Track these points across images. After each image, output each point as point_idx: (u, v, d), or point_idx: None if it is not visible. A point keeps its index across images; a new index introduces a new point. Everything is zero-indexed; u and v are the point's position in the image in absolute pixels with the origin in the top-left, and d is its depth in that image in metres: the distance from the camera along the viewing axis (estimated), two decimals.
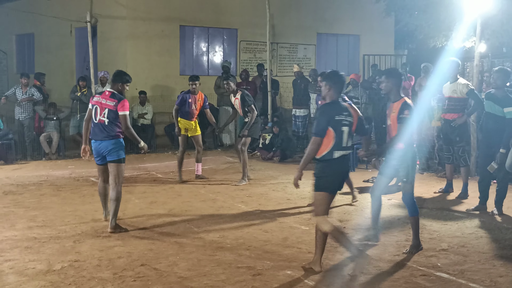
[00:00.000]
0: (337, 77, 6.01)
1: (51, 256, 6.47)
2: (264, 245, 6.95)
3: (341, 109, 5.87)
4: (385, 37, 21.78)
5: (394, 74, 6.80)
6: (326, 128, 5.76)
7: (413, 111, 6.62)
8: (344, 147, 5.84)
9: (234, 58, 18.71)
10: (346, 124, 5.83)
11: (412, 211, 6.72)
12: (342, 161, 5.86)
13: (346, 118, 5.85)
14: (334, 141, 5.78)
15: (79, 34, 17.98)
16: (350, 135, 5.90)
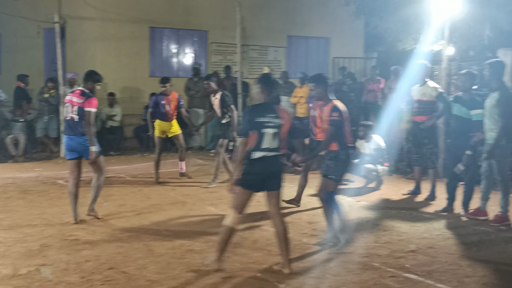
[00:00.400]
0: (268, 80, 6.21)
1: (17, 260, 6.37)
2: (234, 247, 6.91)
3: (266, 111, 5.97)
4: (355, 40, 21.89)
5: (321, 80, 7.01)
6: (248, 129, 5.90)
7: (342, 114, 6.78)
8: (265, 149, 5.90)
9: (204, 60, 18.64)
10: (270, 126, 5.92)
11: (335, 207, 6.88)
12: (264, 162, 5.92)
13: (272, 120, 5.94)
14: (255, 142, 5.89)
15: (47, 35, 17.75)
16: (275, 137, 5.96)
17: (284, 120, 6.07)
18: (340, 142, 6.81)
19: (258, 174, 5.93)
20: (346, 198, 9.82)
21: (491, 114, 7.95)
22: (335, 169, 6.82)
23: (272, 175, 6.01)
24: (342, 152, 6.81)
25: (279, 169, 6.06)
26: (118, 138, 15.58)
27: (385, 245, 7.06)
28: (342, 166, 6.85)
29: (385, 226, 8.00)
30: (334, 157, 6.82)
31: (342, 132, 6.82)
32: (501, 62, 8.31)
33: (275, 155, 5.98)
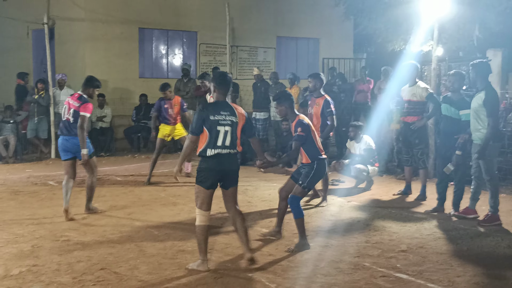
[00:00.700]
0: (222, 79, 6.29)
1: (9, 261, 6.35)
2: (225, 247, 6.94)
3: (220, 109, 6.06)
4: (344, 41, 21.96)
5: (284, 98, 7.08)
6: (200, 127, 6.00)
7: (308, 128, 6.94)
8: (219, 146, 6.00)
9: (194, 61, 18.64)
10: (224, 124, 6.02)
11: (297, 213, 6.92)
12: (218, 160, 6.02)
13: (226, 118, 6.04)
14: (208, 140, 5.99)
15: (36, 36, 17.70)
16: (231, 135, 6.05)
17: (239, 118, 6.15)
18: (312, 154, 6.97)
19: (212, 171, 6.03)
20: (336, 198, 9.87)
21: (477, 114, 8.00)
22: (307, 177, 6.95)
23: (227, 173, 6.12)
24: (315, 163, 6.96)
25: (234, 167, 6.18)
26: (108, 139, 15.55)
27: (376, 245, 7.09)
28: (315, 176, 6.99)
29: (376, 226, 8.03)
30: (308, 167, 6.99)
31: (312, 144, 6.98)
32: (485, 62, 8.35)
33: (230, 152, 6.08)
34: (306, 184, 6.92)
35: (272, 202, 9.32)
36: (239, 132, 6.18)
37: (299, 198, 6.94)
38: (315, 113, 9.19)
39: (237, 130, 6.13)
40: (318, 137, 7.18)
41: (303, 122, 6.96)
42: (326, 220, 8.37)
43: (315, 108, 9.22)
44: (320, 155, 7.03)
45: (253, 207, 9.20)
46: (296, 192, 6.94)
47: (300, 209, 6.92)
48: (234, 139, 6.09)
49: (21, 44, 18.60)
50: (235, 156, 6.19)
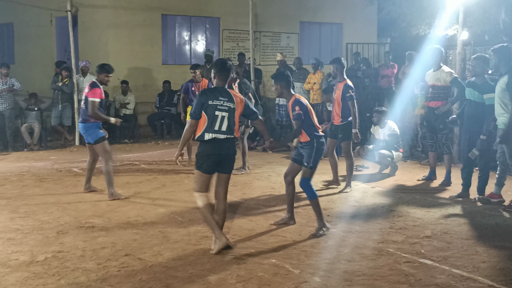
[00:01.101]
0: (222, 65, 6.42)
1: (34, 247, 6.42)
2: (249, 234, 6.94)
3: (219, 95, 6.22)
4: (368, 26, 21.79)
5: (281, 77, 7.15)
6: (200, 112, 6.16)
7: (305, 106, 6.97)
8: (216, 131, 6.15)
9: (217, 47, 18.63)
10: (222, 109, 6.17)
11: (310, 195, 6.97)
12: (215, 144, 6.17)
13: (224, 103, 6.19)
14: (206, 124, 6.14)
15: (60, 24, 17.80)
16: (228, 120, 6.19)
17: (237, 104, 6.27)
18: (310, 132, 7.00)
19: (210, 156, 6.19)
20: (360, 184, 9.83)
21: (501, 99, 7.90)
22: (310, 157, 6.98)
23: (224, 158, 6.26)
24: (314, 141, 6.99)
25: (231, 152, 6.31)
26: (132, 126, 15.62)
27: (400, 230, 7.05)
28: (317, 154, 7.01)
29: (400, 212, 7.98)
30: (308, 146, 7.01)
31: (310, 122, 7.01)
32: (506, 46, 8.24)
33: (227, 137, 6.21)
34: (312, 164, 6.96)
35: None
36: (237, 118, 6.30)
37: (308, 180, 6.97)
38: (337, 98, 9.25)
39: (234, 116, 6.25)
40: (314, 116, 7.17)
41: (300, 101, 7.00)
42: (349, 206, 8.34)
43: (337, 92, 9.27)
44: (317, 132, 7.08)
45: (276, 192, 9.20)
46: (305, 174, 6.99)
47: (313, 190, 6.97)
48: (231, 124, 6.22)
49: (45, 31, 18.72)
50: (232, 141, 6.33)
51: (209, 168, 6.24)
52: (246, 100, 6.45)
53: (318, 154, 7.02)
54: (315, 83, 13.97)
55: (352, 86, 9.21)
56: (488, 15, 14.15)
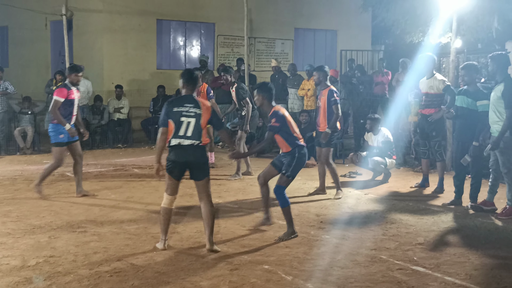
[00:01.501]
0: (190, 75, 6.58)
1: (26, 252, 6.40)
2: (242, 239, 6.94)
3: (185, 102, 6.39)
4: (362, 33, 21.86)
5: (264, 88, 7.22)
6: (165, 119, 6.36)
7: (283, 118, 7.04)
8: (181, 136, 6.29)
9: (211, 53, 18.65)
10: (187, 115, 6.31)
11: (282, 203, 7.04)
12: (180, 151, 6.32)
13: (190, 109, 6.33)
14: (173, 131, 6.31)
15: (54, 28, 17.77)
16: (194, 126, 6.30)
17: (203, 110, 6.36)
18: (291, 142, 7.08)
19: (175, 162, 6.35)
20: (354, 190, 9.84)
21: (496, 107, 7.93)
22: (290, 166, 7.05)
23: (191, 165, 6.39)
24: (296, 151, 7.07)
25: (198, 159, 6.39)
26: (125, 130, 15.60)
27: (393, 237, 7.06)
28: (297, 164, 7.08)
29: (393, 219, 7.99)
30: (289, 156, 7.09)
31: (289, 132, 7.08)
32: (504, 54, 8.28)
33: (193, 144, 6.31)
34: (290, 173, 7.03)
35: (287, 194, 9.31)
36: (204, 124, 6.37)
37: (283, 188, 7.05)
38: (322, 105, 9.24)
39: (201, 122, 6.33)
40: (296, 127, 7.24)
41: (277, 113, 7.07)
42: (343, 213, 8.35)
43: (322, 99, 9.28)
44: (299, 141, 7.12)
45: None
46: (281, 181, 7.07)
47: (286, 198, 7.06)
48: (197, 130, 6.32)
49: (40, 35, 18.69)
50: (199, 147, 6.37)
51: (175, 175, 6.41)
52: (214, 109, 6.58)
53: (299, 164, 7.10)
54: (309, 90, 13.99)
55: (336, 91, 9.26)
56: (481, 23, 14.19)
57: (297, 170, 7.11)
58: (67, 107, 8.92)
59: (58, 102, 8.80)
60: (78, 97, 9.21)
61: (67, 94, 8.86)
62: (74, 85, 9.05)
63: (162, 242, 6.54)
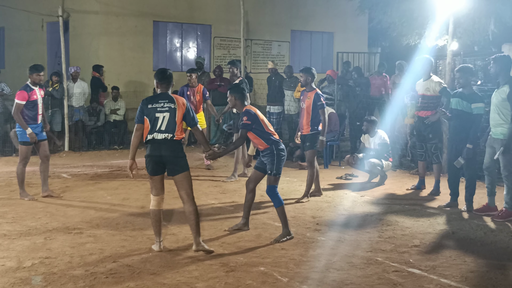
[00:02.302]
0: (163, 74, 6.62)
1: (21, 253, 6.39)
2: (237, 241, 6.93)
3: (159, 99, 6.45)
4: (359, 35, 21.87)
5: (236, 90, 7.38)
6: (141, 116, 6.43)
7: (255, 116, 7.13)
8: (155, 130, 6.35)
9: (208, 54, 18.64)
10: (162, 110, 6.37)
11: (277, 202, 7.10)
12: (154, 145, 6.36)
13: (164, 105, 6.39)
14: (149, 127, 6.38)
15: (51, 29, 17.75)
16: (168, 120, 6.35)
17: (178, 105, 6.42)
18: (266, 138, 7.14)
19: (151, 157, 6.38)
20: (350, 192, 9.84)
21: (500, 109, 7.93)
22: (272, 164, 7.10)
23: (165, 159, 6.37)
24: (273, 147, 7.12)
25: (171, 153, 6.36)
26: (121, 132, 15.57)
27: (389, 240, 7.06)
28: (279, 160, 7.12)
29: (389, 221, 7.99)
30: (269, 154, 7.13)
31: (262, 129, 7.15)
32: (507, 56, 8.29)
33: (166, 138, 6.33)
34: (275, 171, 7.09)
35: (284, 195, 9.32)
36: (179, 119, 6.41)
37: (275, 187, 7.09)
38: (306, 107, 9.22)
39: (176, 117, 6.38)
40: (269, 125, 7.30)
41: (249, 112, 7.16)
42: (339, 215, 8.35)
43: (306, 102, 9.24)
44: (274, 137, 7.19)
45: (265, 199, 9.15)
46: (270, 181, 7.10)
47: (279, 198, 7.11)
48: (171, 124, 6.35)
49: (36, 36, 18.66)
50: (174, 141, 6.38)
51: (152, 170, 6.43)
52: (189, 105, 6.60)
53: (280, 159, 7.13)
54: None
55: (322, 94, 9.26)
56: (478, 26, 14.22)
57: (280, 166, 7.16)
58: (30, 109, 9.02)
59: (20, 105, 8.90)
60: (42, 96, 9.32)
61: (28, 96, 8.95)
62: (35, 85, 9.14)
63: (157, 244, 6.55)
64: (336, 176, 11.31)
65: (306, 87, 9.36)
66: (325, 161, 12.57)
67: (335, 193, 9.78)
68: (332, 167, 12.54)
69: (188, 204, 6.46)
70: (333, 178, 11.13)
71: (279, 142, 7.22)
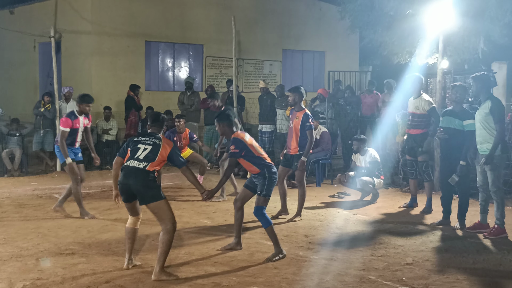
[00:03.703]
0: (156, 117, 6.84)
1: (12, 275, 6.35)
2: (230, 261, 6.92)
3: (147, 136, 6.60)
4: (350, 54, 22.01)
5: (223, 117, 7.36)
6: (125, 149, 6.59)
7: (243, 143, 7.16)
8: (133, 158, 6.42)
9: (200, 74, 18.70)
10: (145, 143, 6.49)
11: (265, 223, 7.13)
12: (124, 173, 6.42)
13: (149, 140, 6.51)
14: (129, 155, 6.49)
15: (43, 49, 17.80)
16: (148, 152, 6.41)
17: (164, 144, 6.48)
18: (258, 163, 7.21)
19: (121, 184, 6.43)
20: (342, 211, 9.84)
21: (486, 124, 7.99)
22: (263, 185, 7.17)
23: (133, 188, 6.36)
24: (265, 171, 7.19)
25: (138, 183, 6.32)
26: (114, 152, 15.54)
27: (381, 258, 7.06)
28: (270, 183, 7.19)
29: (382, 239, 8.00)
30: (260, 176, 7.22)
31: (253, 155, 7.20)
32: (486, 74, 8.36)
33: (138, 167, 6.34)
34: (265, 192, 7.14)
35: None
36: (161, 156, 6.41)
37: (263, 208, 7.13)
38: (295, 127, 9.15)
39: (158, 153, 6.40)
40: (260, 149, 7.37)
41: (236, 139, 7.20)
42: (331, 233, 8.35)
43: (295, 121, 9.18)
44: (266, 161, 7.25)
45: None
46: (259, 202, 7.15)
47: (267, 218, 7.13)
48: (150, 156, 6.38)
49: (28, 57, 18.70)
50: (144, 171, 6.33)
51: (123, 197, 6.50)
52: (176, 148, 6.64)
53: (271, 182, 7.19)
54: None
55: (311, 115, 9.20)
56: (467, 44, 14.30)
57: (271, 188, 7.22)
58: (70, 135, 9.30)
59: (65, 133, 9.20)
60: (85, 125, 9.58)
61: (72, 124, 9.27)
62: (81, 113, 9.44)
63: (126, 261, 6.63)
64: (329, 195, 11.32)
65: (295, 106, 9.33)
66: (318, 180, 12.59)
67: (327, 212, 9.78)
68: (324, 185, 12.55)
69: (161, 231, 6.38)
70: (325, 197, 11.14)
71: (271, 165, 7.27)
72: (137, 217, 6.67)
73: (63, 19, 16.88)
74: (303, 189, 9.25)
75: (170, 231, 6.32)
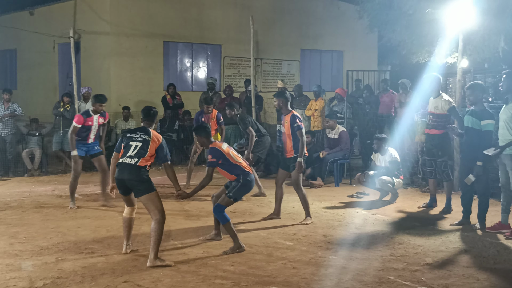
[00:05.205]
0: (147, 112, 7.37)
1: (33, 273, 6.40)
2: (249, 260, 6.92)
3: (138, 131, 7.13)
4: (369, 53, 21.92)
5: (201, 129, 7.80)
6: (120, 146, 7.12)
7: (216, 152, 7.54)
8: (126, 156, 6.93)
9: (218, 74, 18.72)
10: (136, 140, 7.01)
11: (222, 220, 7.45)
12: (119, 168, 6.94)
13: (140, 136, 7.04)
14: (123, 152, 7.02)
15: (62, 50, 17.92)
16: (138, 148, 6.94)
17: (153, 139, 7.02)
18: (235, 173, 7.61)
19: (117, 179, 6.98)
20: (361, 211, 9.81)
21: (509, 125, 7.90)
22: (235, 189, 7.54)
23: (128, 183, 6.91)
24: (240, 177, 7.58)
25: (132, 177, 6.85)
26: None
27: (400, 258, 7.02)
28: (241, 189, 7.58)
29: (401, 239, 7.95)
30: (236, 181, 7.62)
31: (230, 164, 7.58)
32: None
33: (130, 162, 6.87)
34: (232, 195, 7.50)
35: (296, 215, 9.31)
36: (150, 151, 6.96)
37: (223, 207, 7.47)
38: (286, 131, 8.95)
39: (148, 147, 6.95)
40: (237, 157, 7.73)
41: (213, 149, 7.59)
42: (350, 233, 8.32)
43: (285, 125, 8.97)
44: (243, 170, 7.62)
45: (276, 219, 9.16)
46: (223, 201, 7.51)
47: (224, 216, 7.42)
48: (141, 151, 6.92)
49: (48, 58, 18.83)
50: (136, 167, 6.86)
51: (120, 191, 7.07)
52: (164, 143, 7.13)
53: (243, 188, 7.59)
54: (316, 110, 14.01)
55: (298, 116, 8.96)
56: (488, 43, 14.17)
57: (240, 194, 7.64)
58: (83, 132, 10.02)
59: (75, 128, 9.91)
60: (99, 123, 10.28)
61: (84, 121, 9.97)
62: (96, 113, 10.13)
63: (124, 246, 7.24)
64: (347, 194, 11.28)
65: (282, 111, 9.12)
66: (336, 180, 12.56)
67: (346, 212, 9.75)
68: (343, 185, 12.51)
69: (152, 221, 6.84)
70: (344, 196, 11.11)
71: (248, 173, 7.64)
72: (133, 208, 7.24)
73: (82, 19, 16.97)
74: (302, 192, 9.03)
75: (160, 221, 6.79)
